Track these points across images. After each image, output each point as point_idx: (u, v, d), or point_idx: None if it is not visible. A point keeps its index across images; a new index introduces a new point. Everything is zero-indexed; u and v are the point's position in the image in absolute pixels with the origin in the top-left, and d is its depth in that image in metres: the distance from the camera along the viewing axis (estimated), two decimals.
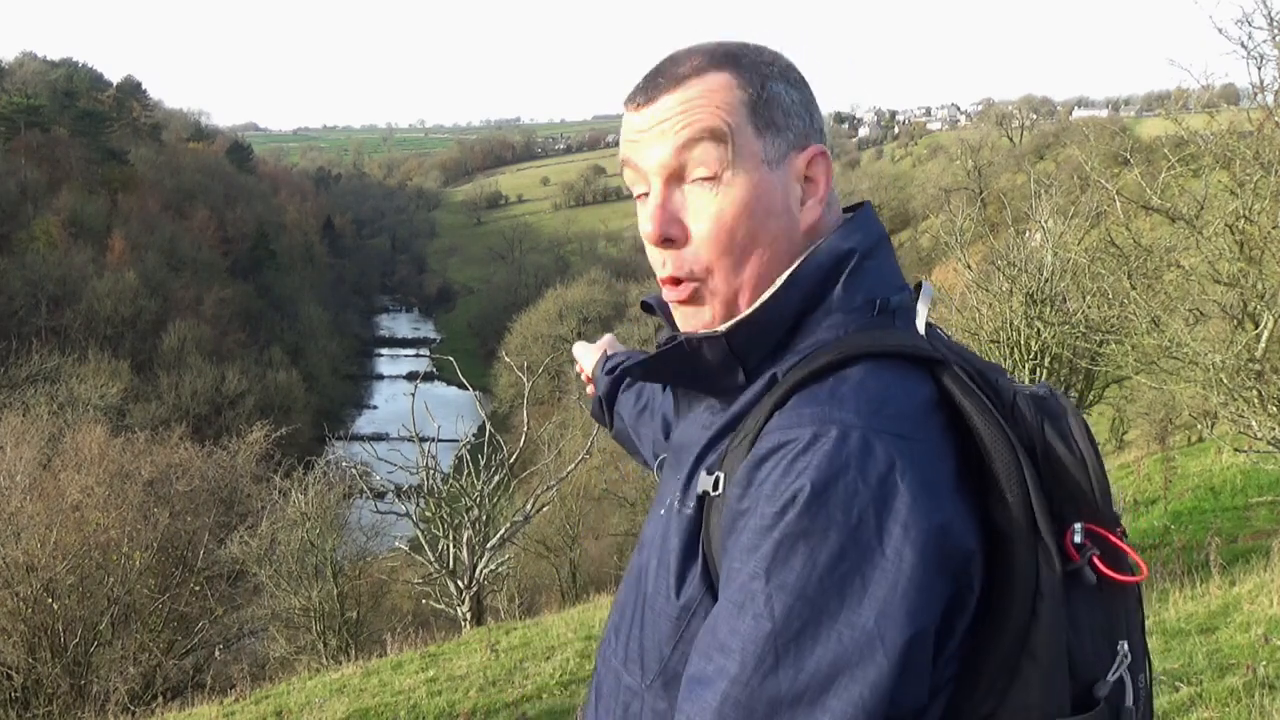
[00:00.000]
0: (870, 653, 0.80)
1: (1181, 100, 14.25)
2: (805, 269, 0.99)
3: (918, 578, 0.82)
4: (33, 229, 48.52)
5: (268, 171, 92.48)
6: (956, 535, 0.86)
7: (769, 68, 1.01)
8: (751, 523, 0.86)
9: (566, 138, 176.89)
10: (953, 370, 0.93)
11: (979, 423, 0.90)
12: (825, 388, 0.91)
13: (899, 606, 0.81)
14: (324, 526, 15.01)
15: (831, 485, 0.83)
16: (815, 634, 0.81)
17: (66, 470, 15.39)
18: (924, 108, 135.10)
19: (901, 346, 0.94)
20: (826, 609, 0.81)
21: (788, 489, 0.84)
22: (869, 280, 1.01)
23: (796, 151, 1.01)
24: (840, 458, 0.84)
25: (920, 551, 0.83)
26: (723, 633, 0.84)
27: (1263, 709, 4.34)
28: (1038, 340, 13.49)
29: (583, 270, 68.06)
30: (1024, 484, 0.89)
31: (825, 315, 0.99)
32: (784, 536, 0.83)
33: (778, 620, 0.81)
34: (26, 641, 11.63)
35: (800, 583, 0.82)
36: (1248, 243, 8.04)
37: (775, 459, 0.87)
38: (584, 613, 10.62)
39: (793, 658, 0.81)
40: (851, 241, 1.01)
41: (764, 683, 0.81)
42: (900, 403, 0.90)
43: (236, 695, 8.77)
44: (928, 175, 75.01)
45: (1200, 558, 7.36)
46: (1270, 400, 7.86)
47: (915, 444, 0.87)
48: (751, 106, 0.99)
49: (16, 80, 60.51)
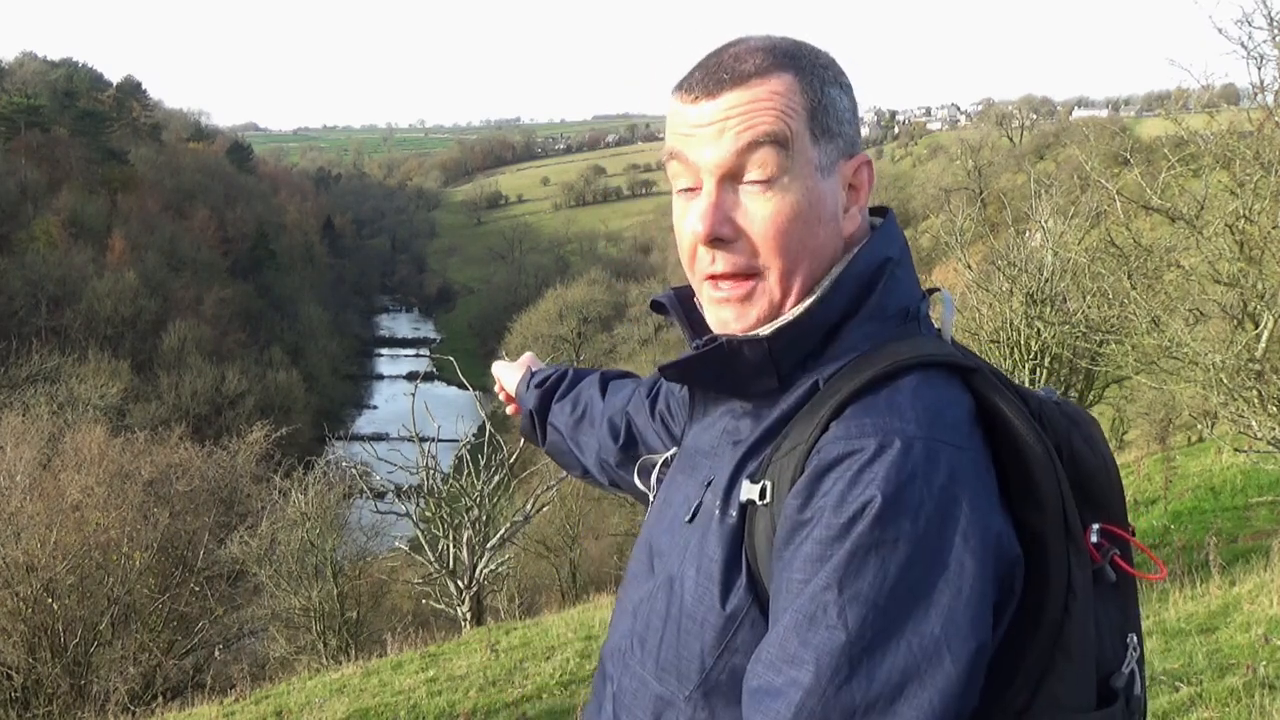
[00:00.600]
0: (939, 660, 0.82)
1: (1181, 100, 14.26)
2: (848, 276, 0.99)
3: (979, 585, 0.84)
4: (33, 229, 48.53)
5: (268, 171, 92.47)
6: (1007, 542, 0.88)
7: (826, 71, 1.01)
8: (816, 533, 0.86)
9: (566, 138, 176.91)
10: (989, 379, 0.95)
11: (1021, 430, 0.92)
12: (882, 398, 0.92)
13: (963, 614, 0.83)
14: (324, 526, 15.01)
15: (900, 496, 0.85)
16: (886, 643, 0.82)
17: (66, 470, 15.38)
18: (924, 108, 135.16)
19: (944, 356, 0.95)
20: (898, 618, 0.83)
21: (856, 499, 0.85)
22: (901, 288, 1.02)
23: (845, 159, 1.01)
24: (907, 468, 0.86)
25: (980, 560, 0.85)
26: (792, 645, 0.84)
27: (1263, 709, 4.34)
28: (1038, 340, 13.49)
29: (583, 270, 68.07)
30: (1059, 488, 0.91)
31: (862, 322, 1.00)
32: (856, 547, 0.84)
33: (852, 631, 0.82)
34: (26, 641, 11.62)
35: (873, 593, 0.83)
36: (1248, 243, 8.04)
37: (840, 469, 0.88)
38: (584, 613, 10.61)
39: (866, 667, 0.82)
40: (889, 249, 1.02)
41: (839, 693, 0.82)
42: (953, 413, 0.92)
43: (236, 695, 8.77)
44: (928, 175, 75.00)
45: (1200, 558, 7.36)
46: (1270, 400, 7.86)
47: (967, 453, 0.89)
48: (811, 112, 0.98)
49: (16, 80, 60.52)
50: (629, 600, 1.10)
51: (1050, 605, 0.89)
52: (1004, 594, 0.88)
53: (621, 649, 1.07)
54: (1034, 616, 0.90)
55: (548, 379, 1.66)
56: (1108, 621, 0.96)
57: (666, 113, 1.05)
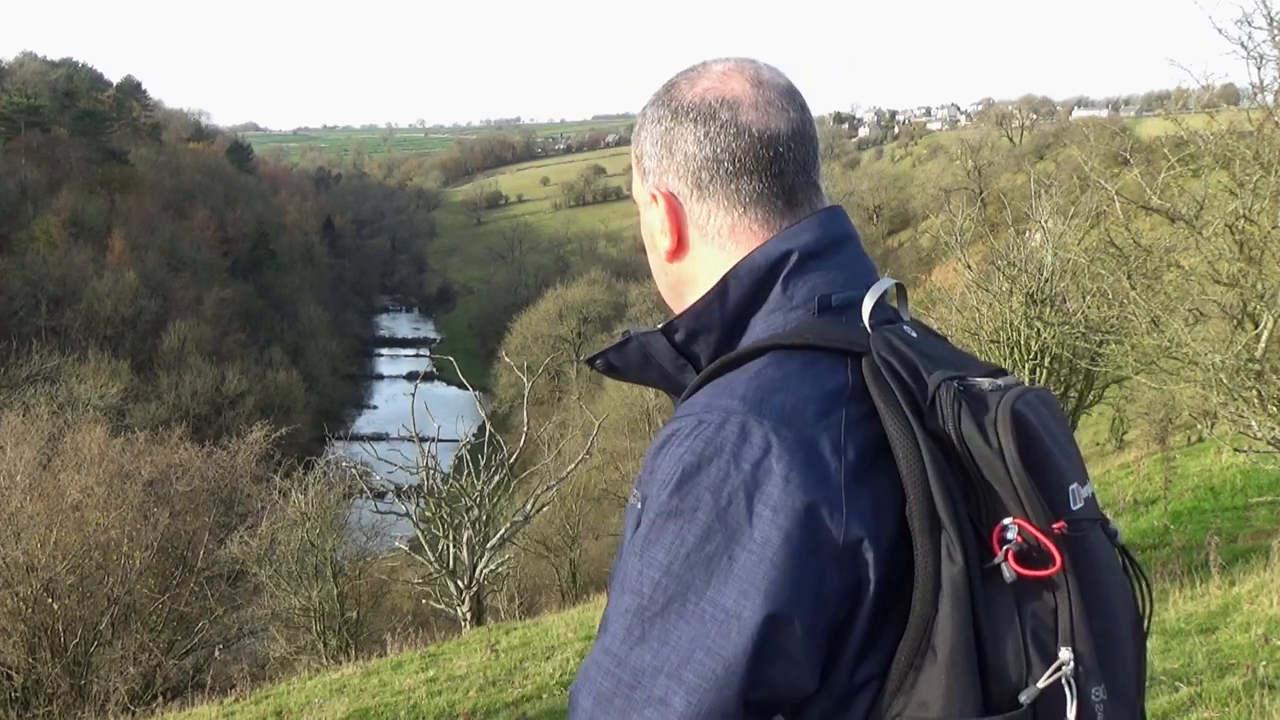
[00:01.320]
0: (727, 630, 0.83)
1: (1181, 100, 14.26)
2: (740, 270, 1.02)
3: (780, 560, 0.85)
4: (33, 229, 48.52)
5: (268, 171, 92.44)
6: (836, 521, 0.86)
7: (644, 111, 1.11)
8: (642, 505, 0.91)
9: (566, 138, 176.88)
10: (871, 362, 0.94)
11: (882, 412, 0.91)
12: (726, 379, 0.96)
13: (759, 586, 0.84)
14: (324, 526, 15.01)
15: (703, 468, 0.88)
16: (681, 610, 0.85)
17: (66, 470, 15.37)
18: (924, 108, 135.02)
19: (817, 338, 0.95)
20: (692, 586, 0.85)
21: (664, 471, 0.90)
22: (813, 280, 1.02)
23: (653, 192, 1.09)
24: (715, 442, 0.89)
25: (786, 534, 0.85)
26: (609, 607, 0.90)
27: (1263, 709, 4.34)
28: (1038, 340, 13.49)
29: (583, 270, 68.02)
30: (923, 474, 0.88)
31: (766, 315, 1.02)
32: (656, 515, 0.88)
33: (645, 594, 0.87)
34: (26, 641, 11.62)
35: (668, 559, 0.86)
36: (1248, 243, 8.04)
37: (665, 445, 0.92)
38: (584, 613, 10.61)
39: (658, 631, 0.85)
40: (793, 243, 1.02)
41: (630, 653, 0.86)
42: (795, 391, 0.91)
43: (236, 695, 8.78)
44: (928, 175, 75.03)
45: (1200, 558, 7.36)
46: (1270, 400, 7.86)
47: (801, 431, 0.89)
48: (636, 157, 1.12)
49: (16, 80, 60.52)
50: None
51: (918, 601, 0.86)
52: (850, 580, 0.86)
53: None
54: (902, 613, 0.87)
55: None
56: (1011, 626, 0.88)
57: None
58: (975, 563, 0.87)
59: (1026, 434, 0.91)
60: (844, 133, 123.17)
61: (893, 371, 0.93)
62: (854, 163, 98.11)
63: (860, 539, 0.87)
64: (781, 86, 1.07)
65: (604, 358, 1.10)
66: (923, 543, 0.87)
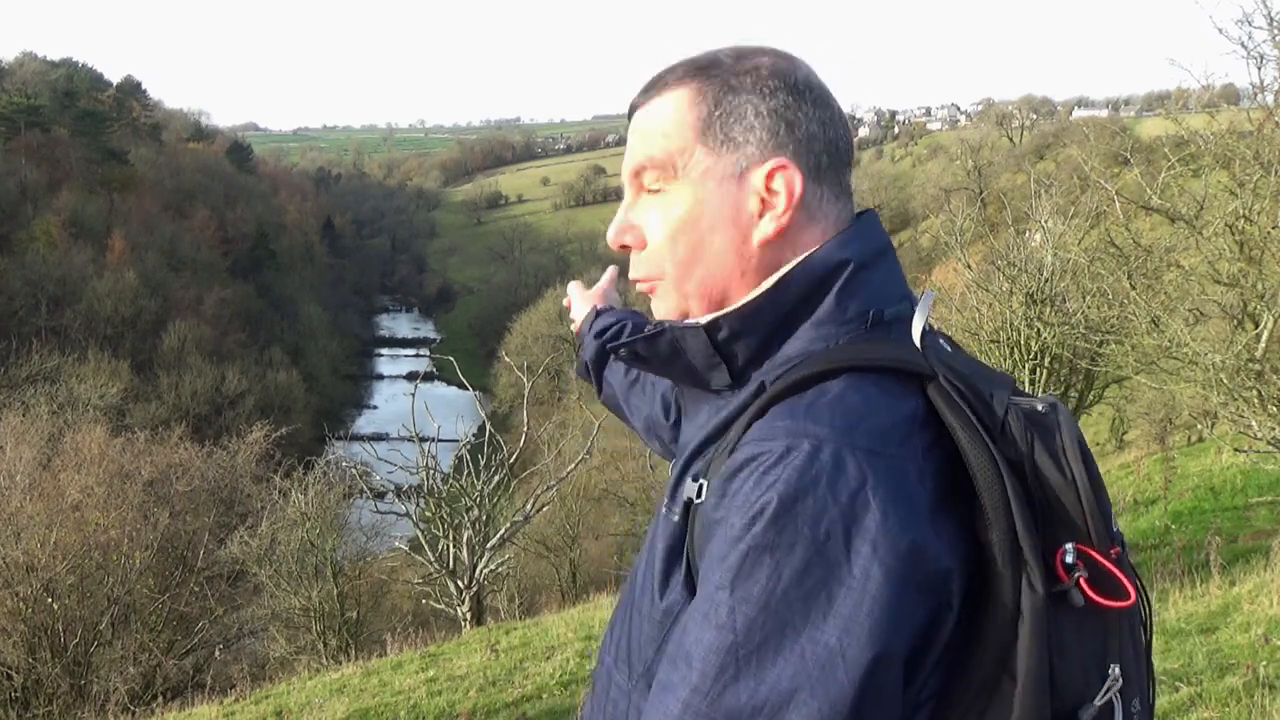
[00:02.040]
0: (831, 670, 0.80)
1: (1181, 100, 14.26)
2: (796, 275, 0.98)
3: (884, 597, 0.81)
4: (33, 229, 48.52)
5: (268, 171, 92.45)
6: (931, 554, 0.85)
7: (740, 78, 1.01)
8: (722, 532, 0.86)
9: (566, 138, 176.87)
10: (939, 384, 0.92)
11: (963, 440, 0.88)
12: (804, 400, 0.91)
13: (863, 625, 0.81)
14: (324, 526, 15.01)
15: (800, 500, 0.83)
16: (778, 648, 0.81)
17: (66, 470, 15.38)
18: (924, 108, 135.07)
19: (888, 359, 0.93)
20: (790, 623, 0.81)
21: (757, 501, 0.84)
22: (865, 292, 0.99)
23: (756, 165, 1.00)
24: (810, 472, 0.84)
25: (888, 571, 0.82)
26: (688, 641, 0.85)
27: (1263, 709, 4.34)
28: (1038, 340, 13.49)
29: (583, 270, 67.94)
30: (1006, 503, 0.87)
31: (817, 325, 0.98)
32: (750, 549, 0.83)
33: (739, 632, 0.82)
34: (26, 641, 11.62)
35: (764, 595, 0.82)
36: (1248, 243, 8.04)
37: (748, 470, 0.87)
38: (584, 613, 10.61)
39: (753, 670, 0.81)
40: (847, 252, 0.99)
41: (723, 694, 0.81)
42: (880, 418, 0.89)
43: (236, 695, 8.77)
44: (928, 175, 75.04)
45: (1200, 558, 7.36)
46: (1270, 400, 7.85)
47: (891, 461, 0.86)
48: (704, 124, 1.01)
49: (16, 80, 60.53)
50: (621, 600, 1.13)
51: (995, 627, 0.86)
52: (933, 610, 0.85)
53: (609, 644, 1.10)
54: (979, 639, 0.86)
55: (608, 329, 1.65)
56: (1077, 648, 0.90)
57: None
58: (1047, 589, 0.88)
59: (1089, 461, 0.92)
60: None
61: (963, 397, 0.92)
62: (854, 163, 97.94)
63: (950, 569, 0.86)
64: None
65: (631, 347, 1.05)
66: (1005, 572, 0.86)
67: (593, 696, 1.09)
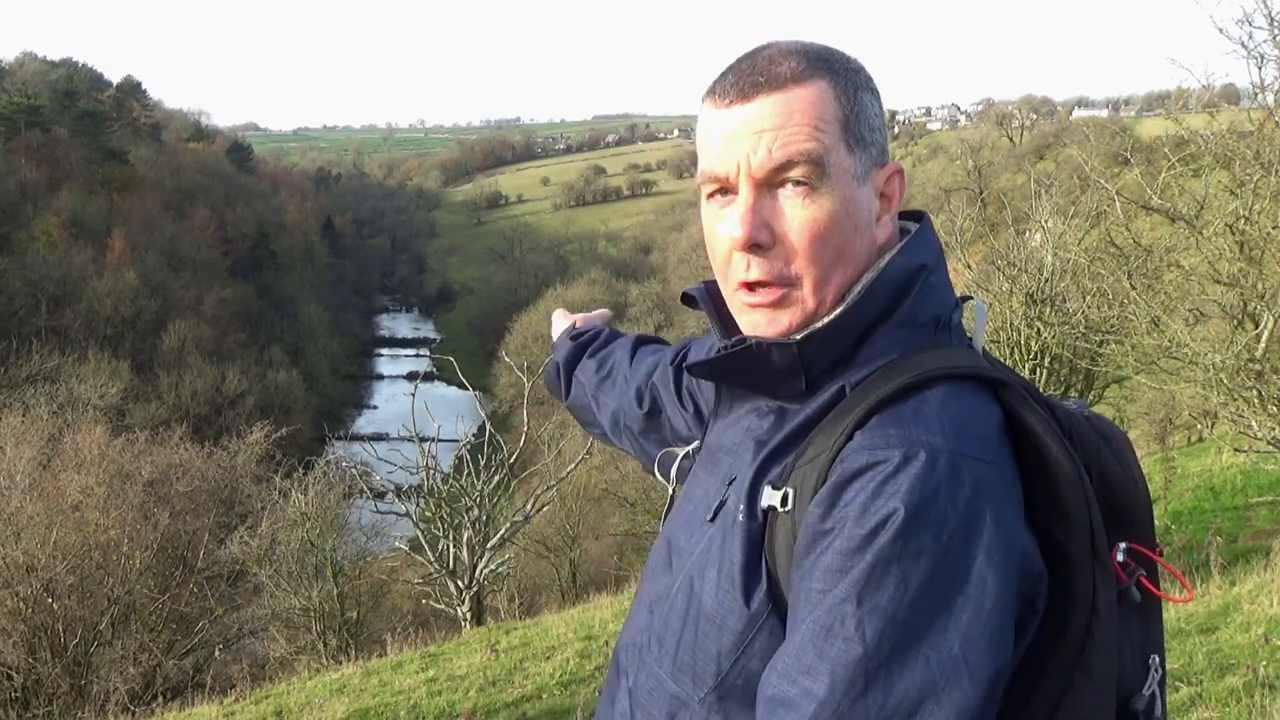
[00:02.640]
0: (957, 678, 0.80)
1: (1181, 100, 14.24)
2: (881, 282, 0.98)
3: (1001, 603, 0.83)
4: (33, 229, 48.50)
5: (268, 171, 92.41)
6: (1031, 559, 0.87)
7: (858, 77, 1.01)
8: (837, 544, 0.85)
9: (566, 138, 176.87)
10: (1017, 392, 0.93)
11: (1050, 446, 0.90)
12: (908, 408, 0.90)
13: (984, 632, 0.82)
14: (324, 526, 15.00)
15: (924, 509, 0.83)
16: (904, 659, 0.81)
17: (66, 470, 15.37)
18: (924, 108, 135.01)
19: (974, 368, 0.94)
20: (916, 633, 0.81)
21: (878, 511, 0.84)
22: (934, 296, 1.00)
23: (878, 168, 1.01)
24: (931, 482, 0.84)
25: (1003, 576, 0.83)
26: (809, 656, 0.83)
27: (1263, 709, 4.34)
28: (1038, 340, 13.48)
29: (583, 270, 68.08)
30: (1088, 507, 0.89)
31: (893, 330, 0.98)
32: (877, 560, 0.83)
33: (869, 644, 0.81)
34: (26, 641, 11.62)
35: (892, 607, 0.82)
36: (1248, 243, 8.03)
37: (863, 480, 0.86)
38: (584, 613, 10.61)
39: (882, 682, 0.80)
40: (923, 257, 1.00)
41: (853, 707, 0.80)
42: (980, 425, 0.90)
43: (236, 695, 8.77)
44: (928, 175, 74.92)
45: (1200, 558, 7.36)
46: (1270, 400, 7.85)
47: (994, 468, 0.88)
48: (845, 121, 0.98)
49: (16, 80, 60.52)
50: (647, 595, 1.09)
51: (1074, 624, 0.88)
52: (1026, 611, 0.87)
53: (638, 644, 1.06)
54: (1057, 635, 0.88)
55: (584, 334, 1.69)
56: (1130, 642, 0.95)
57: (698, 118, 1.04)
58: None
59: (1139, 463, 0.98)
60: None
61: (1040, 403, 0.94)
62: None
63: (1043, 572, 0.88)
64: None
65: (710, 366, 1.03)
66: (1083, 571, 0.89)
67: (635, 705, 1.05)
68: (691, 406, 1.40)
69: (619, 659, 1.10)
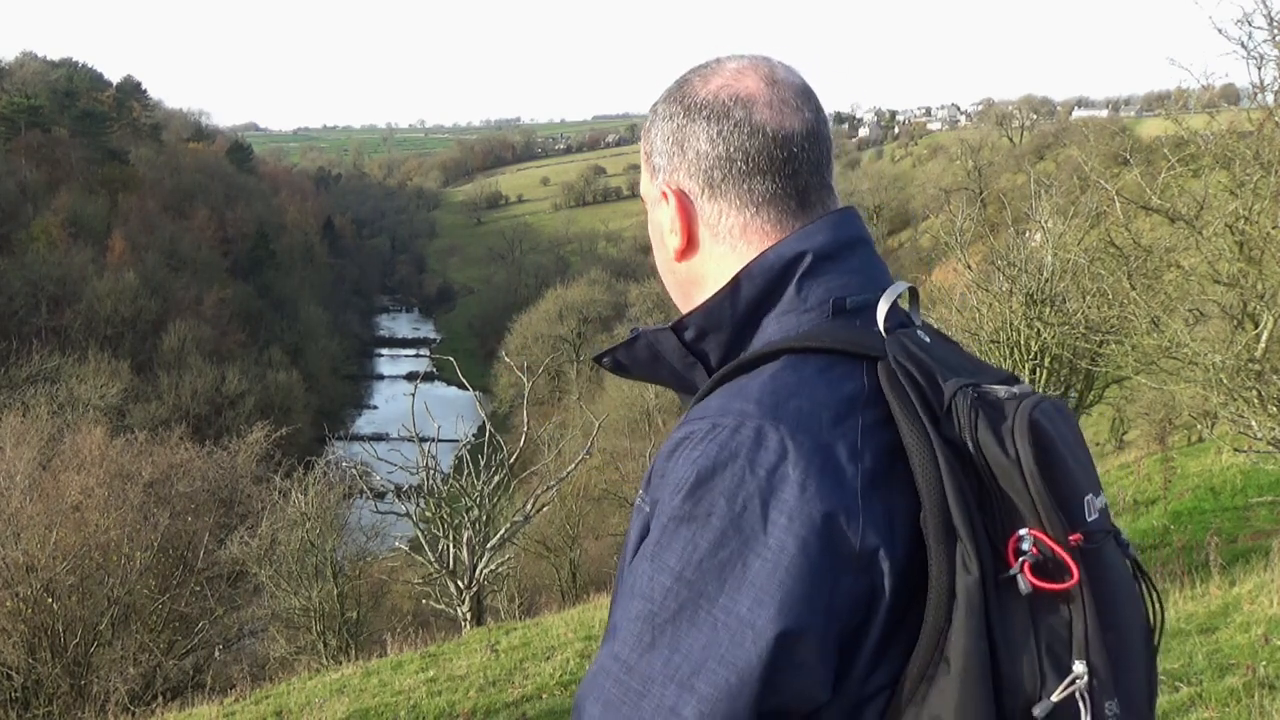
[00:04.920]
0: (741, 640, 0.82)
1: (1181, 100, 14.25)
2: (753, 269, 1.01)
3: (796, 569, 0.83)
4: (33, 229, 48.48)
5: (268, 171, 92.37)
6: (854, 530, 0.85)
7: (655, 107, 1.11)
8: (657, 509, 0.90)
9: (566, 138, 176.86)
10: (887, 366, 0.92)
11: (897, 415, 0.89)
12: (737, 383, 0.94)
13: (774, 597, 0.82)
14: (324, 526, 15.01)
15: (717, 472, 0.86)
16: (693, 617, 0.83)
17: (66, 471, 15.38)
18: (924, 108, 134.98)
19: (832, 341, 0.94)
20: (705, 593, 0.84)
21: (678, 476, 0.88)
22: (827, 282, 1.00)
23: (664, 189, 1.08)
24: (730, 447, 0.87)
25: (802, 543, 0.83)
26: (615, 616, 0.89)
27: (1263, 709, 4.34)
28: (1038, 341, 13.48)
29: (583, 270, 68.04)
30: (939, 483, 0.87)
31: (780, 316, 1.00)
32: (669, 520, 0.87)
33: (655, 600, 0.85)
34: (26, 641, 11.62)
35: (679, 565, 0.85)
36: (1248, 243, 8.04)
37: (680, 449, 0.90)
38: (584, 613, 10.61)
39: (668, 638, 0.84)
40: (807, 244, 1.01)
41: (640, 660, 0.84)
42: (811, 396, 0.90)
43: (236, 695, 8.77)
44: (928, 175, 75.02)
45: (1200, 558, 7.36)
46: (1270, 400, 7.85)
47: (817, 437, 0.87)
48: (646, 155, 1.12)
49: (16, 80, 60.53)
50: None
51: (931, 611, 0.85)
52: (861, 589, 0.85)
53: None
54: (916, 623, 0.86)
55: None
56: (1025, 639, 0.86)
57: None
58: (991, 573, 0.86)
59: (1044, 444, 0.90)
60: (844, 133, 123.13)
61: (909, 377, 0.92)
62: (854, 163, 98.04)
63: (876, 547, 0.86)
64: (796, 85, 1.05)
65: (612, 355, 1.09)
66: (937, 552, 0.86)
67: None
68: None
69: None
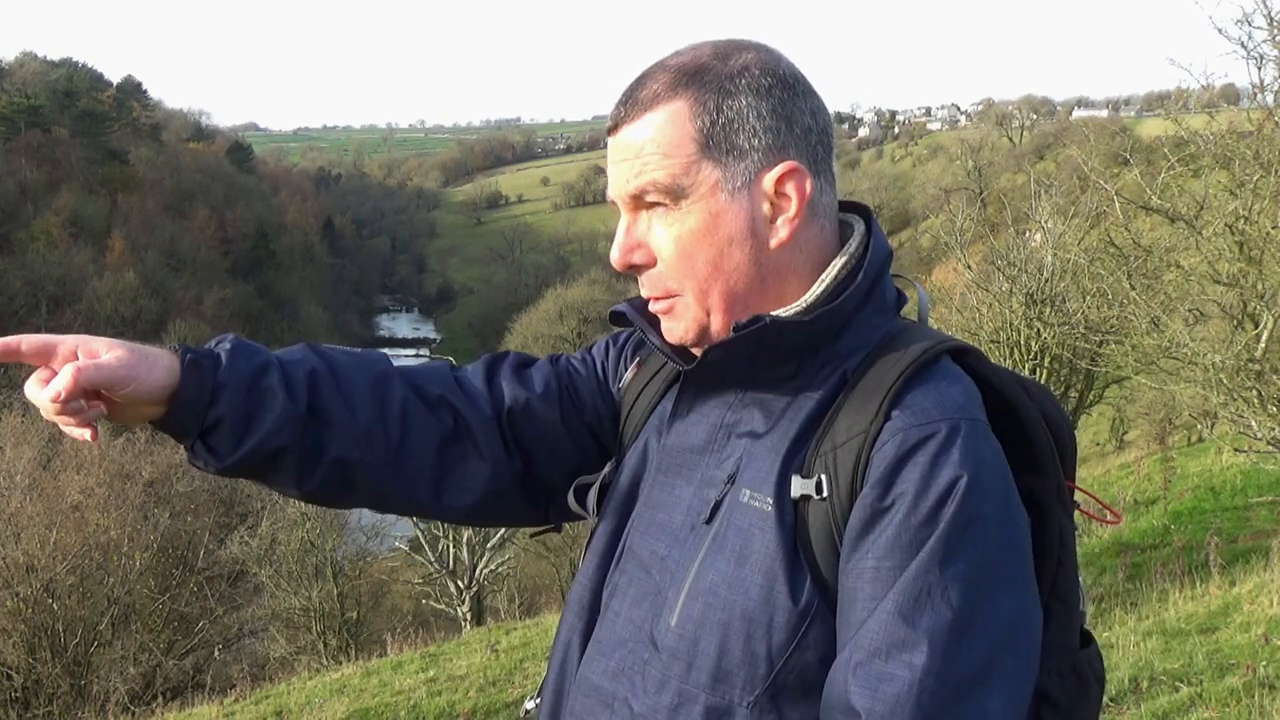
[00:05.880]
0: (1021, 628, 0.89)
1: (1181, 100, 14.23)
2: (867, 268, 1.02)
3: (1029, 557, 0.92)
4: (33, 229, 48.53)
5: (268, 171, 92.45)
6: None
7: (735, 80, 0.98)
8: (899, 518, 0.89)
9: (566, 138, 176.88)
10: (981, 356, 1.00)
11: (1023, 404, 0.97)
12: (932, 384, 0.95)
13: (1028, 584, 0.91)
14: (324, 526, 15.02)
15: (978, 475, 0.90)
16: (985, 618, 0.87)
17: (66, 471, 15.38)
18: (924, 108, 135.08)
19: (952, 341, 1.00)
20: (990, 593, 0.88)
21: (941, 481, 0.89)
22: (890, 279, 1.07)
23: (765, 170, 0.99)
24: (976, 449, 0.91)
25: (1026, 531, 0.93)
26: (899, 629, 0.87)
27: (1263, 709, 4.34)
28: (1038, 340, 13.48)
29: (583, 270, 68.01)
30: (1054, 454, 0.97)
31: (870, 314, 1.02)
32: (951, 529, 0.88)
33: (956, 609, 0.87)
34: (26, 641, 11.63)
35: (970, 571, 0.88)
36: (1247, 243, 8.03)
37: (919, 455, 0.90)
38: None
39: (969, 642, 0.87)
40: (886, 242, 1.06)
41: (950, 668, 0.86)
42: (975, 393, 0.97)
43: (236, 695, 8.78)
44: (928, 175, 74.99)
45: (1200, 558, 7.36)
46: (1270, 400, 7.85)
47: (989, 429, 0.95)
48: (707, 137, 0.98)
49: (16, 80, 60.57)
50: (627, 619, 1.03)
51: (1049, 560, 0.96)
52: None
53: (629, 671, 1.00)
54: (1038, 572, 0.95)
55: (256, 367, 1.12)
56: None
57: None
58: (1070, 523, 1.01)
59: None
60: (844, 132, 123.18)
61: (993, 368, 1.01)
62: (854, 163, 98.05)
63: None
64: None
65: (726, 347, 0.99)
66: (1054, 511, 0.97)
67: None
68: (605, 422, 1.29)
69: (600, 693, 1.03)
